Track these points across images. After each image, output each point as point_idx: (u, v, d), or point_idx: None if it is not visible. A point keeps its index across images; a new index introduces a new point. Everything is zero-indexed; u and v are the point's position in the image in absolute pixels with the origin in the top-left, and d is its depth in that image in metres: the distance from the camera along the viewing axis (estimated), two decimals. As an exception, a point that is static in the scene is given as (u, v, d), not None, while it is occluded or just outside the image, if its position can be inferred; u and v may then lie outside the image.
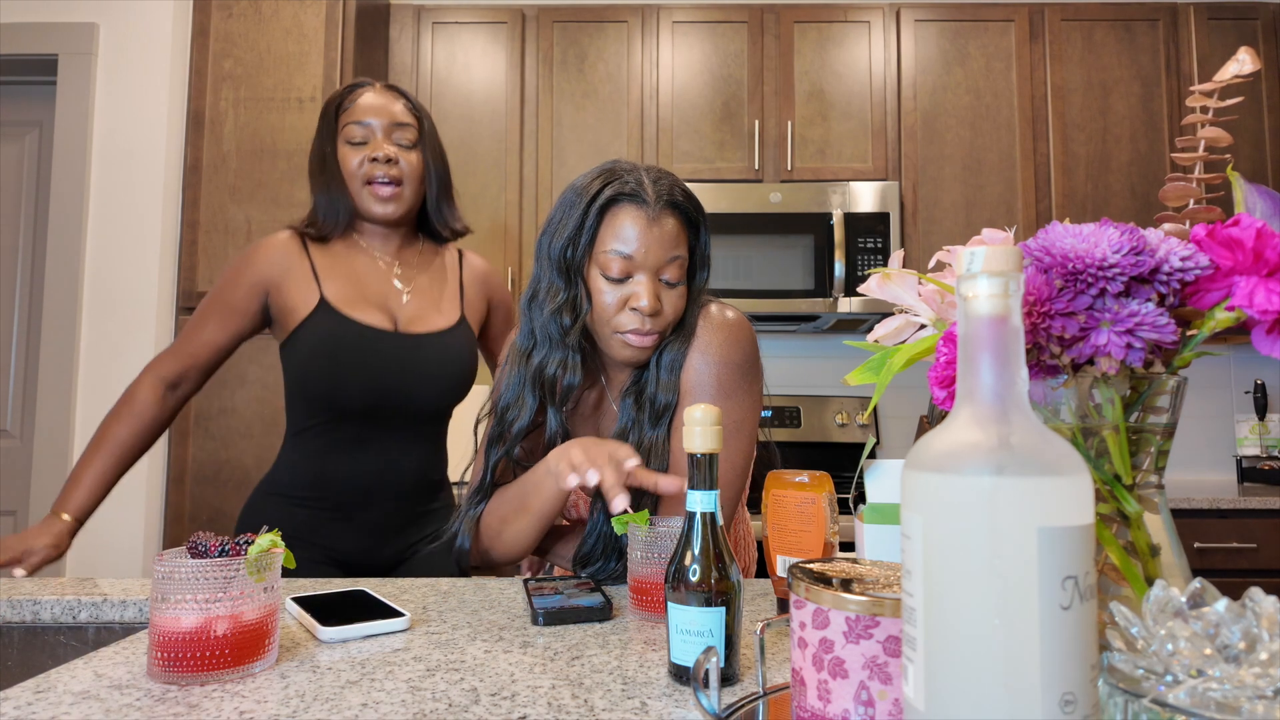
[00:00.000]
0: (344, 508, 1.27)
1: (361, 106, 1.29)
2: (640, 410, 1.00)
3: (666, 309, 0.97)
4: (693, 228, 1.00)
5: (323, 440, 1.28)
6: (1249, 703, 0.31)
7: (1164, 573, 0.45)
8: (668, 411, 0.99)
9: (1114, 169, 2.49)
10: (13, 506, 2.23)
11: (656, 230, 0.94)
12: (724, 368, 0.98)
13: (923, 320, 0.57)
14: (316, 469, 1.27)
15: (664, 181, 0.97)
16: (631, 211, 0.95)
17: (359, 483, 1.27)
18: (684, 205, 0.98)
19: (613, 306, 0.95)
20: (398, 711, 0.56)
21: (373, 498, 1.28)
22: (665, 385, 0.99)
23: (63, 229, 2.16)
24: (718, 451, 0.64)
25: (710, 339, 0.99)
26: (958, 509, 0.35)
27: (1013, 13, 2.53)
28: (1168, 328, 0.43)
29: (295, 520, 1.26)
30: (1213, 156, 0.53)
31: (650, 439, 0.98)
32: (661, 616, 0.79)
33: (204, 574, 0.62)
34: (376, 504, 1.28)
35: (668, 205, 0.96)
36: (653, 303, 0.94)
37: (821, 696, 0.46)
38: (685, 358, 0.99)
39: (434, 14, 2.55)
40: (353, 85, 1.32)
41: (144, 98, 2.21)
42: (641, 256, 0.94)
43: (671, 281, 0.96)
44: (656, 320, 0.96)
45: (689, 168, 2.50)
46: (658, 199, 0.95)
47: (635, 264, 0.94)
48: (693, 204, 0.99)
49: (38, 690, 0.59)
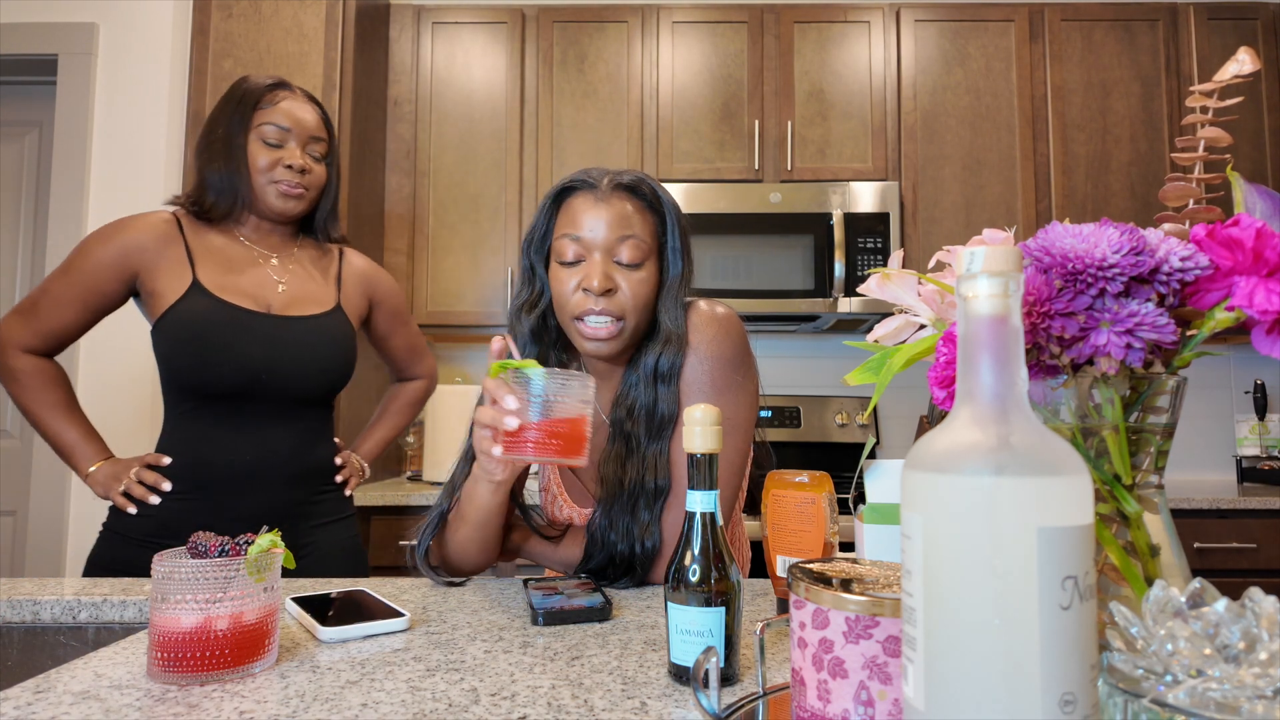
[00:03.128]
0: (219, 496, 1.24)
1: (283, 110, 1.31)
2: (635, 424, 0.96)
3: (625, 291, 0.94)
4: (655, 214, 0.98)
5: (196, 425, 1.25)
6: (1249, 703, 0.31)
7: (1164, 573, 0.45)
8: (669, 424, 0.96)
9: (1114, 169, 2.49)
10: (13, 506, 2.23)
11: (604, 209, 0.94)
12: (716, 364, 0.96)
13: (922, 320, 0.57)
14: (191, 455, 1.24)
15: (622, 173, 0.98)
16: (581, 196, 0.96)
17: (234, 469, 1.24)
18: (639, 189, 0.97)
19: (568, 292, 0.94)
20: (398, 711, 0.56)
21: (248, 485, 1.25)
22: (664, 396, 0.96)
23: (63, 229, 2.16)
24: (718, 451, 0.64)
25: (701, 335, 0.97)
26: (958, 509, 0.35)
27: (1013, 13, 2.53)
28: (1167, 328, 0.43)
29: (167, 513, 1.23)
30: (1213, 156, 0.53)
31: (653, 451, 0.95)
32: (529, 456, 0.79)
33: (204, 574, 0.62)
34: (251, 493, 1.25)
35: (618, 188, 0.96)
36: (602, 281, 0.92)
37: (821, 696, 0.46)
38: (681, 362, 0.96)
39: (434, 14, 2.55)
40: (274, 84, 1.33)
41: (144, 98, 2.21)
42: (590, 236, 0.93)
43: (628, 263, 0.94)
44: (611, 302, 0.93)
45: (689, 168, 2.50)
46: (609, 184, 0.95)
47: (584, 244, 0.94)
48: (651, 191, 0.98)
49: (38, 690, 0.59)
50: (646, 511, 0.93)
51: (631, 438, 0.96)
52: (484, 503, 0.91)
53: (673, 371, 0.96)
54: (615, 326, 0.94)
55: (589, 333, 0.94)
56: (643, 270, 0.95)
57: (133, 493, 1.23)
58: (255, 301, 1.29)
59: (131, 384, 2.11)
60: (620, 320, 0.94)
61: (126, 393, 2.11)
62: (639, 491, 0.93)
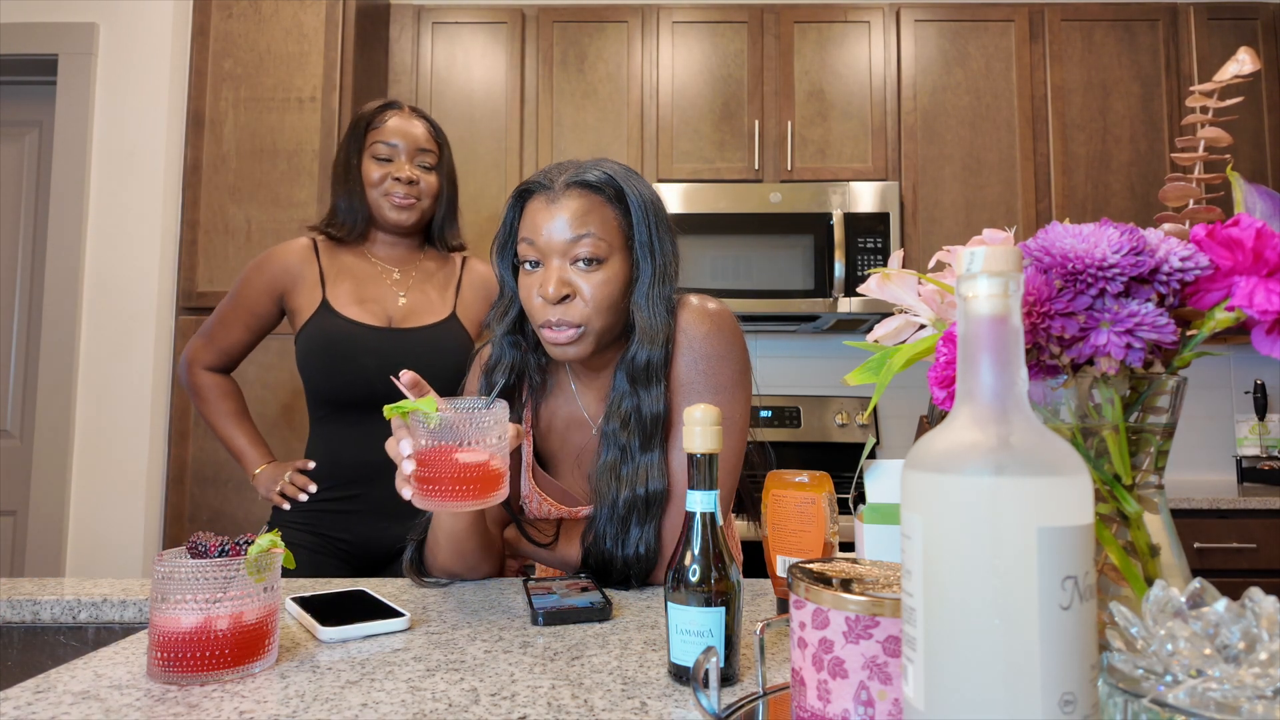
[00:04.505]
0: (352, 487, 1.39)
1: (390, 128, 1.42)
2: (629, 434, 0.93)
3: (584, 294, 0.90)
4: (619, 207, 0.93)
5: (330, 428, 1.42)
6: (1248, 703, 0.31)
7: (1164, 573, 0.45)
8: (659, 426, 0.92)
9: (1114, 169, 2.49)
10: (13, 506, 2.23)
11: (557, 209, 0.90)
12: (710, 361, 0.94)
13: (922, 320, 0.57)
14: (330, 455, 1.41)
15: (585, 167, 0.93)
16: (536, 199, 0.92)
17: (364, 465, 1.38)
18: (596, 184, 0.92)
19: (531, 299, 0.92)
20: (397, 711, 0.56)
21: (376, 478, 1.37)
22: (651, 396, 0.92)
23: (63, 229, 2.16)
24: (718, 451, 0.64)
25: (693, 333, 0.94)
26: (958, 509, 0.35)
27: (1013, 13, 2.53)
28: (1167, 328, 0.43)
29: (304, 506, 1.40)
30: (1213, 156, 0.53)
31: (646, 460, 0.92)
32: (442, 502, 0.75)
33: (204, 574, 0.62)
34: (380, 484, 1.37)
35: (573, 185, 0.91)
36: (556, 288, 0.88)
37: (821, 696, 0.46)
38: (663, 358, 0.93)
39: (434, 14, 2.55)
40: (383, 105, 1.45)
41: (144, 98, 2.21)
42: (545, 241, 0.90)
43: (587, 262, 0.90)
44: (568, 309, 0.89)
45: (689, 168, 2.50)
46: (564, 183, 0.91)
47: (540, 249, 0.90)
48: (612, 183, 0.92)
49: (38, 690, 0.59)
50: (641, 521, 0.91)
51: (626, 450, 0.93)
52: (449, 528, 0.91)
53: (652, 370, 0.92)
54: (574, 333, 0.90)
55: (550, 338, 0.91)
56: (604, 269, 0.91)
57: (285, 492, 1.40)
58: (376, 316, 1.41)
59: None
60: (579, 327, 0.90)
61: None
62: (634, 500, 0.91)
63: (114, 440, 2.12)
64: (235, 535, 0.70)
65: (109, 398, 2.12)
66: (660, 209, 0.96)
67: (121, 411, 2.12)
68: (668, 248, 0.95)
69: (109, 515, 2.10)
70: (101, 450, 2.11)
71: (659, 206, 0.96)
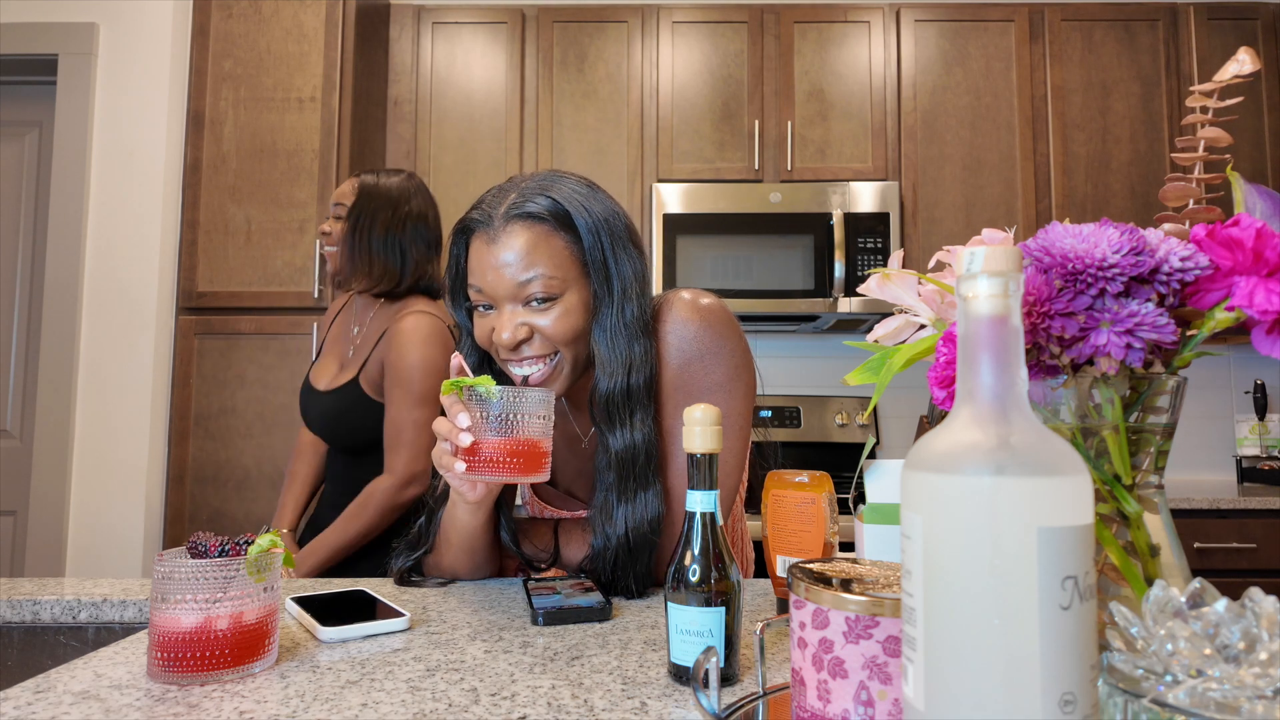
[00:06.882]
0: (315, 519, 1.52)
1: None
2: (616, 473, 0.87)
3: (545, 333, 0.85)
4: (568, 233, 0.85)
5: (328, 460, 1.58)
6: (1249, 703, 0.31)
7: (1164, 573, 0.45)
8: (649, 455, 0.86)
9: (1114, 169, 2.49)
10: (13, 506, 2.23)
11: (500, 250, 0.83)
12: (703, 360, 0.90)
13: (922, 320, 0.57)
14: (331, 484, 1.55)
15: (524, 192, 0.86)
16: (477, 238, 0.86)
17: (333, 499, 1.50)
18: (538, 214, 0.84)
19: (488, 343, 0.88)
20: (398, 711, 0.56)
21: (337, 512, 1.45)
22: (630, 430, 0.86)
23: (63, 229, 2.16)
24: (718, 451, 0.64)
25: (682, 333, 0.90)
26: (958, 509, 0.35)
27: (1013, 13, 2.53)
28: (1167, 328, 0.43)
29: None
30: (1213, 156, 0.53)
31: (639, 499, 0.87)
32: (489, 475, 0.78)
33: (204, 574, 0.62)
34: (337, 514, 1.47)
35: (514, 219, 0.84)
36: (512, 334, 0.84)
37: (821, 696, 0.46)
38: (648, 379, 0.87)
39: (434, 14, 2.55)
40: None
41: (144, 98, 2.21)
42: (491, 287, 0.84)
43: (541, 300, 0.84)
44: (532, 345, 0.86)
45: (689, 168, 2.50)
46: (503, 217, 0.84)
47: (489, 295, 0.85)
48: (556, 209, 0.85)
49: (38, 690, 0.59)
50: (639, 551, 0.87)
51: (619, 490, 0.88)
52: (465, 525, 0.89)
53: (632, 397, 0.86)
54: (546, 367, 0.86)
55: (519, 375, 0.87)
56: (561, 303, 0.85)
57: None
58: (318, 374, 1.51)
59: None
60: (552, 355, 0.87)
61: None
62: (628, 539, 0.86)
63: (114, 440, 2.12)
64: (235, 535, 0.70)
65: (109, 398, 2.12)
66: (616, 224, 0.89)
67: (121, 411, 2.12)
68: (626, 268, 0.88)
69: (109, 515, 2.10)
70: (101, 450, 2.11)
71: (614, 222, 0.88)
